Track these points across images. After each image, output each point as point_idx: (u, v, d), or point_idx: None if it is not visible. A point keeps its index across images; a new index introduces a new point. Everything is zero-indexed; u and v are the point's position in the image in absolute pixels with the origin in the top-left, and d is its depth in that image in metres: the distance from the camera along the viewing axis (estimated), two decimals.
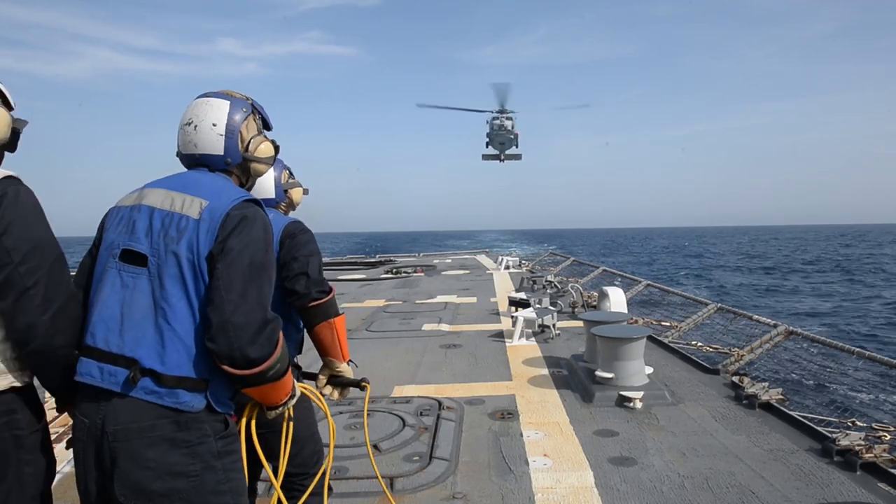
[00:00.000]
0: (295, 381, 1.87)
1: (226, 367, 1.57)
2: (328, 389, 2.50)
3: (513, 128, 38.86)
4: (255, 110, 1.97)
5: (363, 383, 2.46)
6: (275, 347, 1.62)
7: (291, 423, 2.03)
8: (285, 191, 2.76)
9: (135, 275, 1.63)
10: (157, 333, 1.58)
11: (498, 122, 38.52)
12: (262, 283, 1.66)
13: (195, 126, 1.84)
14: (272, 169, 2.59)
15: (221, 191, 1.74)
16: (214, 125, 1.85)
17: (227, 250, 1.62)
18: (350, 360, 2.52)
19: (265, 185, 2.66)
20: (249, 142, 1.92)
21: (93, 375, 1.59)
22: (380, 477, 2.80)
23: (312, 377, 2.57)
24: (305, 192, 2.90)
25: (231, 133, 1.86)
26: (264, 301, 1.65)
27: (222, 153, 1.86)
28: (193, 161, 1.87)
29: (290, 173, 2.84)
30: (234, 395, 1.71)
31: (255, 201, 1.78)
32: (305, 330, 2.48)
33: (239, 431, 1.78)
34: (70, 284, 1.74)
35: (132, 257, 1.65)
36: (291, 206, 2.85)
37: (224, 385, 1.65)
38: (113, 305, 1.63)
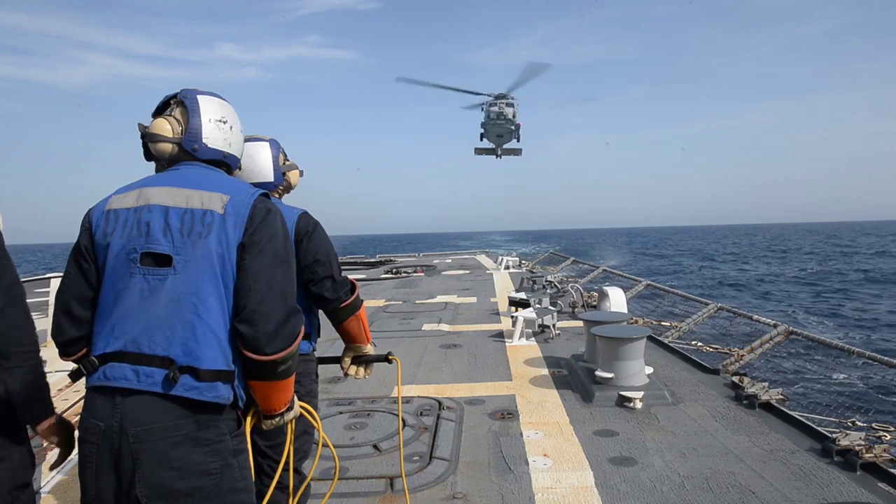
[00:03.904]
0: (296, 398, 1.89)
1: (246, 352, 1.62)
2: (353, 369, 2.59)
3: (514, 117, 31.06)
4: None
5: (390, 356, 2.53)
6: (295, 339, 1.69)
7: (292, 428, 2.01)
8: (283, 173, 2.66)
9: (161, 276, 1.63)
10: (189, 329, 1.59)
11: (496, 108, 30.66)
12: (286, 275, 1.72)
13: (231, 126, 1.92)
14: (269, 151, 2.58)
15: (235, 185, 1.79)
16: (241, 129, 1.98)
17: (253, 242, 1.67)
18: (371, 342, 2.61)
19: (264, 169, 2.56)
20: None
21: (128, 378, 1.58)
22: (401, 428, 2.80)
23: (335, 361, 2.62)
24: (301, 174, 2.82)
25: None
26: (288, 292, 1.71)
27: (239, 156, 2.00)
28: (215, 157, 1.88)
29: (286, 155, 2.73)
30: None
31: (269, 195, 1.83)
32: (330, 322, 2.51)
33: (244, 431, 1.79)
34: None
35: (154, 259, 1.65)
36: (288, 189, 2.76)
37: (242, 376, 1.69)
38: (139, 309, 1.62)
